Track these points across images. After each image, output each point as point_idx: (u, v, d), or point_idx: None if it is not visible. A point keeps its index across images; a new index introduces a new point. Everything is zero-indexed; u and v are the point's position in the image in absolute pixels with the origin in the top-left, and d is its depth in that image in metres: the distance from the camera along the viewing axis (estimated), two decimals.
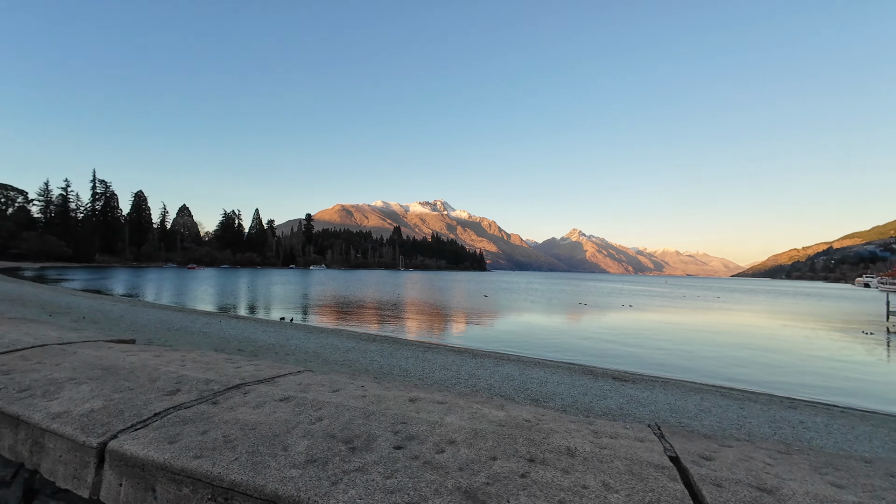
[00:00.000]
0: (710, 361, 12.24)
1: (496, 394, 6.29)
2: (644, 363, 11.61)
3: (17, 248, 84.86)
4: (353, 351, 9.60)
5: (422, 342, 12.80)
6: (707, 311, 29.76)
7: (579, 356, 12.27)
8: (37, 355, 1.88)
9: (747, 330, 20.02)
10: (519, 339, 15.09)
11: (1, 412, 1.42)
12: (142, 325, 11.13)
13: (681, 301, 40.33)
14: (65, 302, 16.61)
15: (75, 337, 2.27)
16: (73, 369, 1.70)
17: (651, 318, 23.83)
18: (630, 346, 14.23)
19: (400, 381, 6.30)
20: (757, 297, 55.83)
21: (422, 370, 7.84)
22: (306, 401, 1.55)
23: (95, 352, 1.96)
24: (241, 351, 8.09)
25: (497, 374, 8.07)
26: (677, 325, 20.79)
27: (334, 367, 7.33)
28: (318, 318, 19.27)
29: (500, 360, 10.09)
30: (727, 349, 14.36)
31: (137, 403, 1.44)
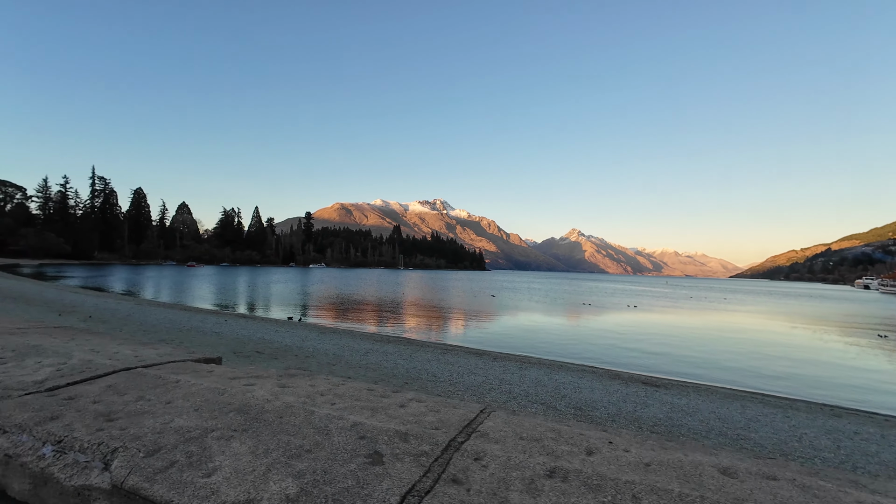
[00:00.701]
0: (730, 365, 11.95)
1: (537, 402, 5.97)
2: (665, 366, 11.31)
3: (16, 245, 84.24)
4: (372, 353, 9.27)
5: (437, 343, 12.48)
6: (716, 313, 29.52)
7: (596, 358, 11.98)
8: (129, 385, 1.51)
9: (761, 332, 19.77)
10: (532, 340, 14.78)
11: (141, 497, 0.98)
12: (151, 325, 10.78)
13: (687, 302, 40.10)
14: (69, 300, 16.23)
15: (154, 356, 1.93)
16: (196, 412, 1.31)
17: (660, 320, 23.56)
18: (645, 349, 13.93)
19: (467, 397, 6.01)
20: (761, 298, 55.70)
21: (449, 374, 7.53)
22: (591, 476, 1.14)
23: (198, 380, 1.61)
24: (259, 353, 7.76)
25: (526, 378, 7.76)
26: (689, 327, 20.52)
27: (360, 372, 7.00)
28: (324, 318, 18.94)
29: (524, 364, 9.78)
30: (745, 352, 14.09)
31: (349, 485, 1.00)
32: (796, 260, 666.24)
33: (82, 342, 2.17)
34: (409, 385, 6.33)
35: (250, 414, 1.33)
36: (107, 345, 2.10)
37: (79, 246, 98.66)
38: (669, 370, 10.83)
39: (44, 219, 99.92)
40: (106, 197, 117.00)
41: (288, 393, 1.55)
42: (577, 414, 5.51)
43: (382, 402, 1.57)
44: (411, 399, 1.67)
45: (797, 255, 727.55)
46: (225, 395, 1.45)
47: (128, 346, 2.13)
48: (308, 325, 14.87)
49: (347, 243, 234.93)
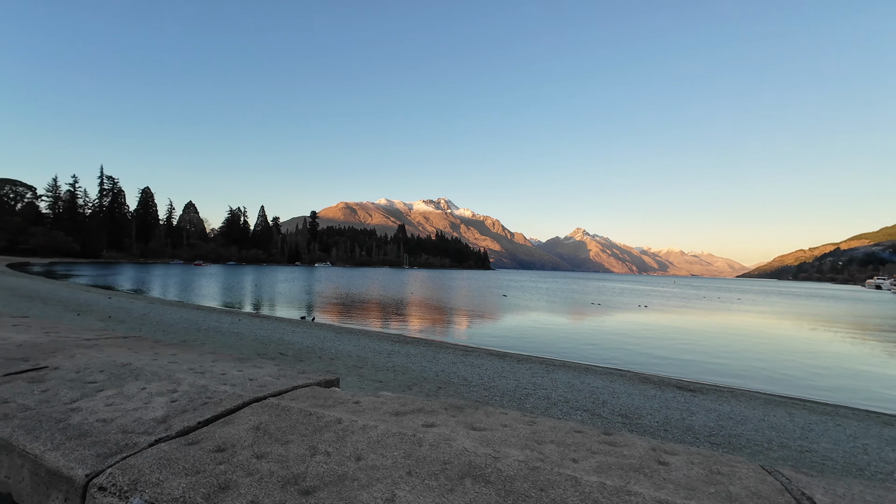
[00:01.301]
0: (760, 368, 11.59)
1: (580, 408, 5.69)
2: (692, 370, 10.97)
3: (26, 244, 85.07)
4: (395, 355, 9.03)
5: (457, 345, 12.22)
6: (732, 314, 29.01)
7: (619, 360, 11.67)
8: (280, 427, 1.16)
9: (781, 334, 19.33)
10: (549, 341, 14.48)
11: None
12: (168, 325, 10.61)
13: (700, 302, 39.53)
14: (83, 299, 16.15)
15: (268, 377, 1.66)
16: (411, 476, 0.96)
17: (676, 321, 23.14)
18: (666, 351, 13.58)
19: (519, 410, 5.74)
20: (773, 298, 54.86)
21: (479, 378, 7.26)
22: None
23: (359, 418, 1.29)
24: (283, 355, 7.54)
25: (559, 383, 7.48)
26: (708, 329, 20.10)
27: (389, 375, 6.76)
28: (337, 318, 18.74)
29: (549, 366, 9.50)
30: (770, 355, 13.70)
31: None
32: (804, 259, 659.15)
33: (171, 358, 1.90)
34: (443, 390, 6.07)
35: (492, 481, 0.97)
36: (202, 361, 1.83)
37: (87, 244, 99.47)
38: (697, 374, 10.50)
39: (53, 218, 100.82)
40: (114, 196, 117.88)
41: (498, 441, 1.20)
42: (624, 422, 5.23)
43: (626, 457, 1.18)
44: (666, 452, 1.24)
45: (805, 255, 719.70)
46: (424, 447, 1.12)
47: (226, 363, 1.85)
48: (322, 326, 14.67)
49: (352, 242, 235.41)
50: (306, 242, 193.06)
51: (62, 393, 1.47)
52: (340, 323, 16.74)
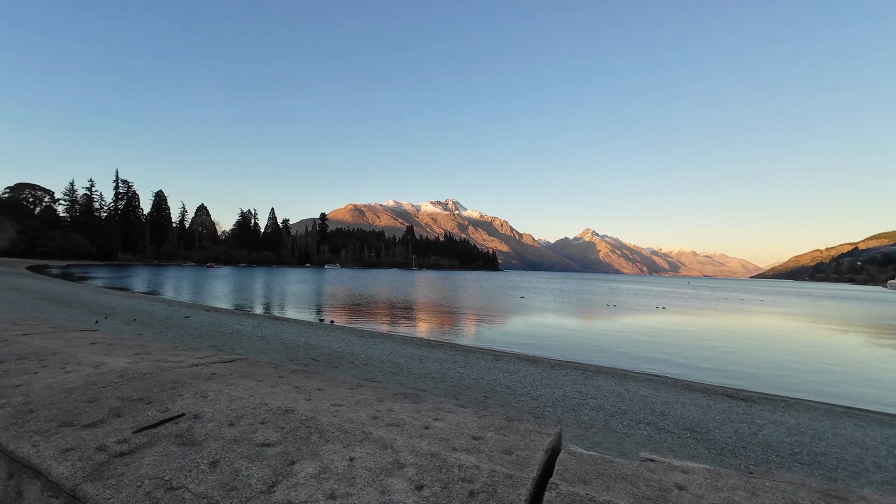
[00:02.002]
0: (802, 374, 11.01)
1: (641, 421, 5.29)
2: (732, 376, 10.45)
3: (44, 247, 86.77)
4: (426, 360, 8.71)
5: (486, 349, 11.85)
6: (757, 316, 28.14)
7: (651, 362, 11.19)
8: None
9: (816, 338, 18.58)
10: (574, 344, 14.02)
11: None
12: (194, 329, 10.43)
13: (721, 304, 38.53)
14: (104, 301, 16.15)
15: (520, 443, 1.21)
16: None
17: (700, 323, 22.46)
18: (699, 355, 13.03)
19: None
20: (794, 299, 53.41)
21: (522, 386, 6.90)
22: None
23: None
24: (315, 361, 7.25)
25: (604, 391, 7.08)
26: (736, 332, 19.43)
27: (430, 383, 6.43)
28: (355, 320, 18.48)
29: (586, 372, 9.08)
30: (811, 359, 13.08)
31: None
32: (821, 260, 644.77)
33: (325, 395, 1.58)
34: (491, 400, 5.72)
35: None
36: (368, 401, 1.52)
37: (103, 247, 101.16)
38: (739, 381, 9.98)
39: (70, 221, 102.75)
40: (129, 199, 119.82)
41: None
42: (694, 437, 4.82)
43: None
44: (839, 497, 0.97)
45: (822, 255, 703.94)
46: None
47: (399, 403, 1.46)
48: (343, 329, 14.41)
49: (361, 244, 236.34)
50: (316, 244, 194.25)
51: (243, 469, 1.02)
52: (359, 325, 16.48)
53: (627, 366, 10.97)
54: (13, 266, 53.26)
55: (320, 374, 2.02)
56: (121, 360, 2.06)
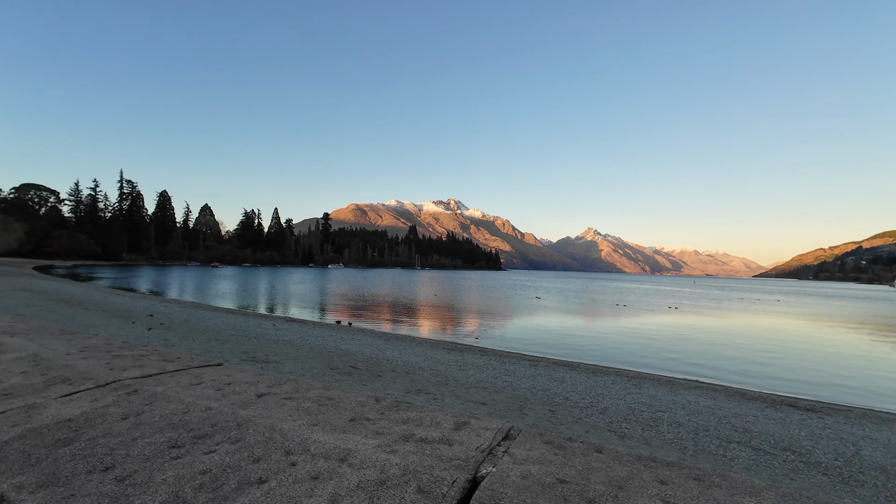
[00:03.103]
0: (846, 379, 10.50)
1: (733, 441, 4.82)
2: (781, 383, 9.95)
3: (50, 247, 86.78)
4: (466, 367, 8.25)
5: (519, 353, 11.38)
6: (776, 317, 27.55)
7: (686, 364, 10.70)
8: None
9: (843, 339, 18.04)
10: (600, 347, 13.53)
11: None
12: (216, 332, 10.00)
13: (737, 304, 37.89)
14: (118, 302, 15.75)
15: None
16: None
17: (721, 324, 21.91)
18: (725, 357, 12.52)
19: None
20: (805, 299, 52.66)
21: (580, 396, 6.43)
22: None
23: None
24: (355, 368, 6.80)
25: (663, 401, 6.61)
26: (764, 334, 18.89)
27: (484, 394, 5.97)
28: (371, 321, 18.03)
29: (633, 379, 8.61)
30: (850, 364, 12.55)
31: None
32: (825, 259, 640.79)
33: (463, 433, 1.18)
34: (557, 414, 5.25)
35: None
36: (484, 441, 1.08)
37: (108, 247, 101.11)
38: (790, 387, 9.49)
39: (75, 221, 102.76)
40: (133, 200, 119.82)
41: None
42: (800, 460, 4.34)
43: None
44: None
45: (825, 254, 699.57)
46: None
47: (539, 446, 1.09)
48: (364, 331, 13.97)
49: (364, 244, 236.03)
50: (319, 244, 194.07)
51: None
52: (377, 327, 16.04)
53: (664, 370, 10.48)
54: (20, 266, 53.11)
55: (418, 406, 1.58)
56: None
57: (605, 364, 10.80)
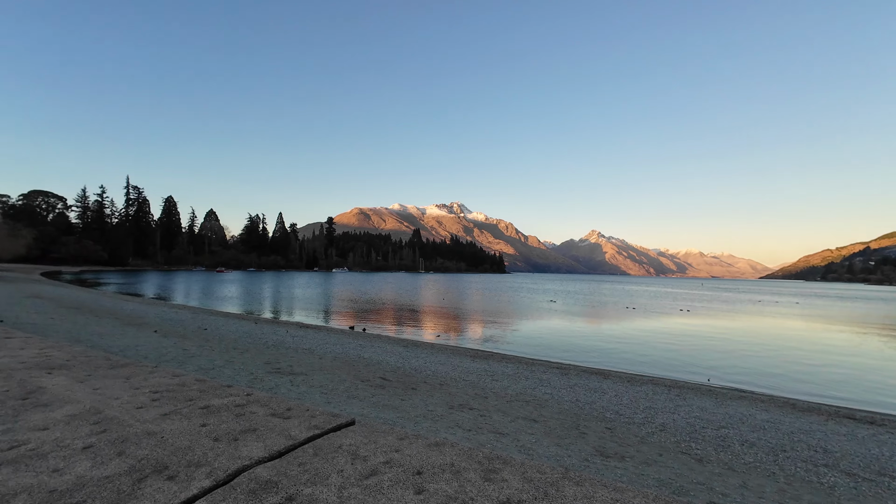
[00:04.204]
0: (886, 386, 9.95)
1: (820, 464, 4.35)
2: (825, 391, 9.42)
3: (57, 253, 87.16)
4: (498, 377, 7.81)
5: (543, 360, 10.91)
6: (801, 320, 26.85)
7: (717, 374, 10.19)
8: None
9: (877, 343, 17.41)
10: (626, 351, 13.02)
11: None
12: (233, 340, 9.63)
13: (753, 306, 37.13)
14: (128, 309, 15.45)
15: None
16: None
17: (738, 328, 21.30)
18: (759, 364, 11.97)
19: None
20: (821, 301, 51.67)
21: (628, 409, 5.98)
22: None
23: None
24: (386, 380, 6.39)
25: (721, 416, 6.14)
26: (785, 338, 18.28)
27: (529, 409, 5.53)
28: (386, 327, 17.59)
29: (672, 389, 8.13)
30: (883, 367, 11.98)
31: None
32: (832, 259, 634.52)
33: None
34: (616, 433, 4.81)
35: None
36: None
37: (114, 253, 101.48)
38: (836, 395, 8.96)
39: (82, 227, 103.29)
40: (139, 205, 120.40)
41: None
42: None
43: None
44: None
45: (832, 255, 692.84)
46: None
47: None
48: (381, 338, 13.55)
49: (368, 247, 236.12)
50: (323, 248, 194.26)
51: None
52: (393, 334, 15.61)
53: (695, 378, 9.98)
54: (28, 272, 53.20)
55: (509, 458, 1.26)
56: None
57: (634, 371, 10.31)
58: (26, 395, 2.90)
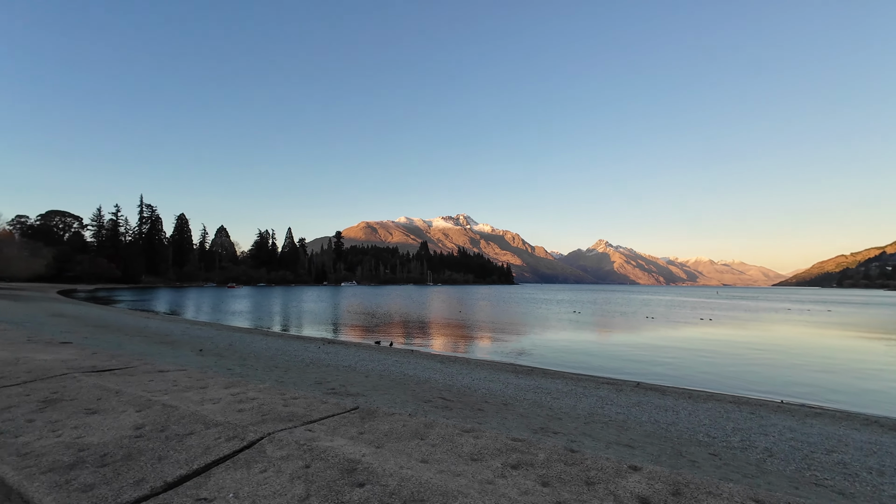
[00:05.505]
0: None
1: None
2: (884, 402, 8.76)
3: (72, 271, 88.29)
4: (557, 395, 7.34)
5: (590, 376, 10.38)
6: (839, 328, 25.84)
7: (778, 390, 9.57)
8: None
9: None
10: (667, 365, 12.41)
11: None
12: (268, 357, 9.28)
13: (779, 314, 35.99)
14: (153, 327, 15.24)
15: None
16: None
17: (773, 337, 20.47)
18: (815, 378, 11.29)
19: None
20: (850, 308, 50.08)
21: (722, 432, 5.47)
22: None
23: None
24: (448, 401, 5.96)
25: (815, 437, 5.60)
26: (831, 347, 17.47)
27: (611, 432, 5.06)
28: (410, 341, 17.14)
29: (743, 406, 7.57)
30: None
31: None
32: (847, 265, 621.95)
33: None
34: (725, 459, 4.32)
35: None
36: None
37: (128, 270, 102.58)
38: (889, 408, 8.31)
39: (97, 245, 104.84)
40: (152, 223, 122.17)
41: None
42: None
43: None
44: None
45: (847, 261, 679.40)
46: None
47: None
48: (413, 353, 13.11)
49: (376, 261, 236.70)
50: (332, 262, 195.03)
51: None
52: (421, 348, 15.16)
53: (750, 392, 9.37)
54: (44, 291, 53.77)
55: None
56: None
57: (688, 387, 9.73)
58: None
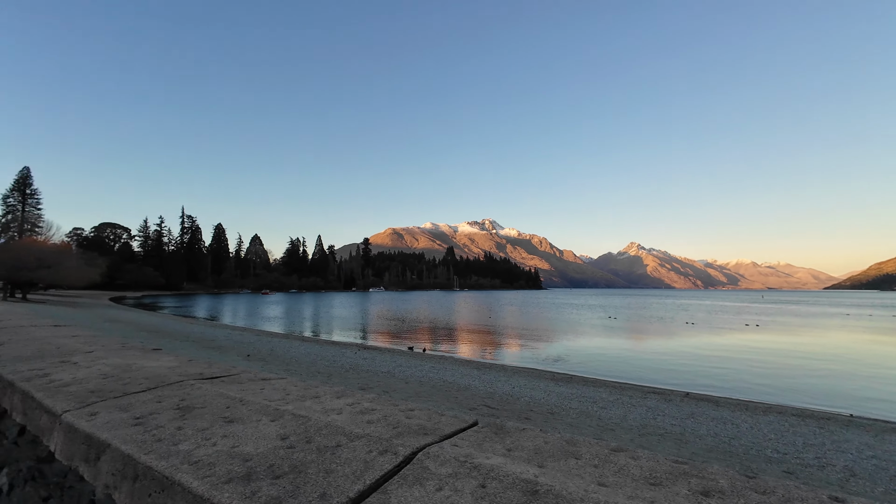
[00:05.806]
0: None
1: None
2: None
3: (122, 279, 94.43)
4: (602, 404, 7.06)
5: (634, 385, 9.96)
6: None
7: (839, 401, 8.79)
8: None
9: None
10: (714, 374, 11.70)
11: None
12: (309, 363, 9.50)
13: (841, 320, 33.43)
14: (198, 332, 16.00)
15: None
16: None
17: (834, 345, 18.97)
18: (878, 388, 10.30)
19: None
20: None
21: (790, 448, 5.07)
22: None
23: None
24: (492, 409, 5.86)
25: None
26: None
27: (674, 447, 4.79)
28: (441, 347, 17.07)
29: (808, 419, 7.02)
30: None
31: None
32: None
33: None
34: (798, 477, 3.99)
35: None
36: None
37: (170, 278, 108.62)
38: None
39: (143, 255, 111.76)
40: (193, 233, 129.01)
41: None
42: None
43: None
44: None
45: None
46: None
47: None
48: (448, 359, 13.05)
49: (403, 267, 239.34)
50: (360, 269, 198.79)
51: None
52: (454, 354, 15.07)
53: (819, 406, 8.67)
54: (97, 298, 57.73)
55: None
56: None
57: (742, 398, 9.13)
58: None
